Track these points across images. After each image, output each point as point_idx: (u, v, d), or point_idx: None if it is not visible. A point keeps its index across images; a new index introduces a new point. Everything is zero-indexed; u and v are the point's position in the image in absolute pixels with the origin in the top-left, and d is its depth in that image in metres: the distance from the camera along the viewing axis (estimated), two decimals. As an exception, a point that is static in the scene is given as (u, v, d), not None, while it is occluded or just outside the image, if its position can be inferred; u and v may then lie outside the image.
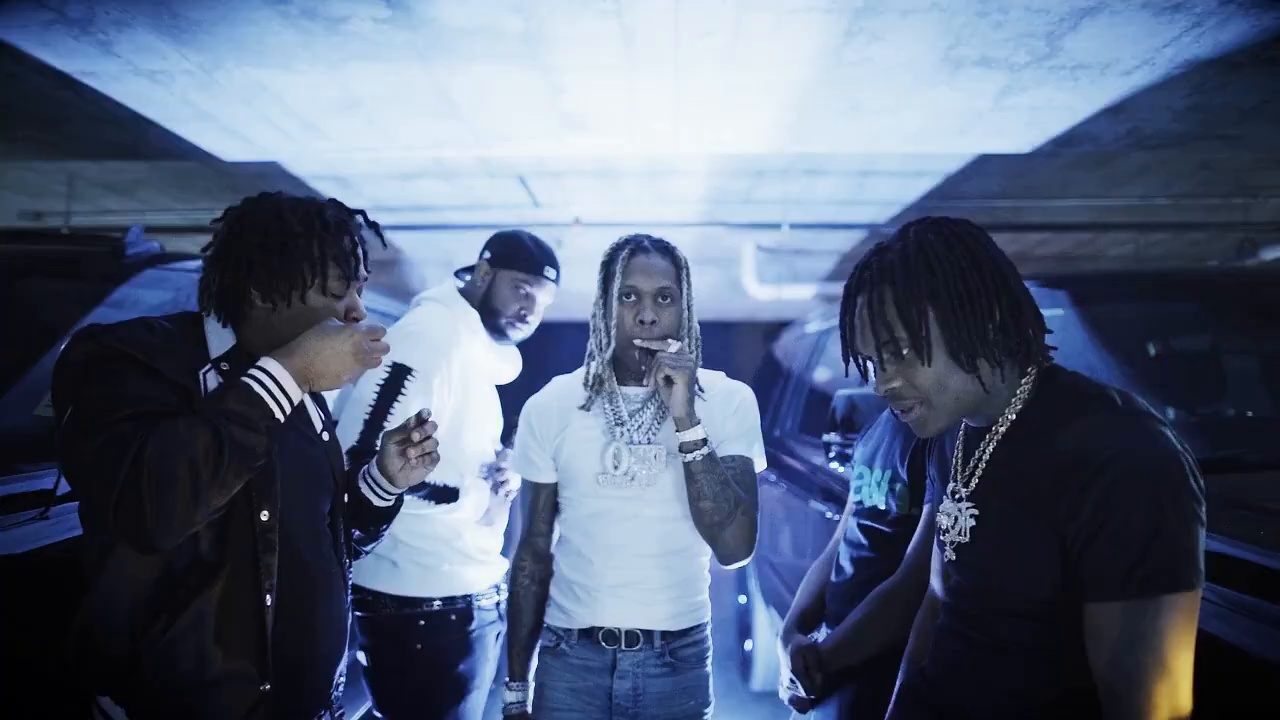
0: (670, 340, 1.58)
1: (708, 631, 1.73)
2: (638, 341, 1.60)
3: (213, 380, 1.35)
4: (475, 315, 2.12)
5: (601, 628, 1.64)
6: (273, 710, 1.33)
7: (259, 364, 1.32)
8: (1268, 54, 2.93)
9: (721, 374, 1.75)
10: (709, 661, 1.73)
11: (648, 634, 1.63)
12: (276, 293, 1.37)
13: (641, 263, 1.62)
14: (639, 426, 1.66)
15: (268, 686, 1.33)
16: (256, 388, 1.28)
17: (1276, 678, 1.13)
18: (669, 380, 1.53)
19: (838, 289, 1.33)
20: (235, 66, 3.14)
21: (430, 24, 2.79)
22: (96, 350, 1.27)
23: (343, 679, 1.52)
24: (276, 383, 1.30)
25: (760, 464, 1.72)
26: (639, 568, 1.63)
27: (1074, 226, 6.05)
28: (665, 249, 1.66)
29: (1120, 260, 7.23)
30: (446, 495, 1.99)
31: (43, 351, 2.22)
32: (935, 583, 1.36)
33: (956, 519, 1.25)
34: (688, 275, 1.66)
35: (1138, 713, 1.01)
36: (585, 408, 1.67)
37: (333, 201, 1.45)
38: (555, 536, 1.78)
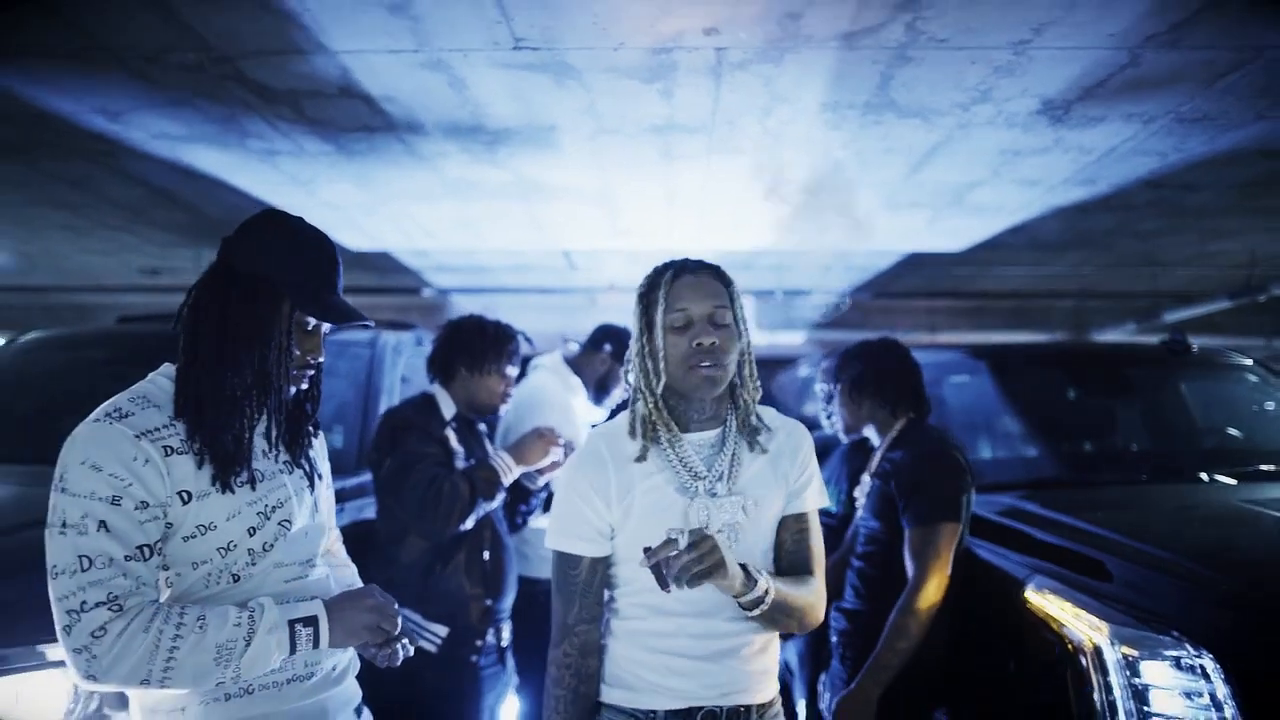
0: (668, 531, 1.23)
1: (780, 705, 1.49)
2: (703, 364, 1.35)
3: (452, 434, 2.32)
4: (579, 381, 3.29)
5: (701, 708, 1.36)
6: (493, 616, 2.21)
7: (500, 454, 2.23)
8: (1107, 204, 4.24)
9: (772, 410, 1.53)
10: None
11: (745, 710, 1.39)
12: (475, 366, 2.29)
13: (689, 282, 1.41)
14: (717, 477, 1.40)
15: (490, 602, 2.18)
16: (497, 465, 2.19)
17: (998, 573, 2.11)
18: (702, 576, 1.23)
19: (823, 336, 2.34)
20: (397, 204, 4.40)
21: (535, 182, 4.05)
22: (399, 422, 2.28)
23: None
24: (507, 465, 2.21)
25: (824, 501, 1.50)
26: (735, 633, 1.39)
27: (1017, 294, 7.05)
28: (710, 267, 1.45)
29: (1064, 311, 8.32)
30: None
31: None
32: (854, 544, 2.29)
33: (866, 489, 2.18)
34: (737, 295, 1.45)
35: (924, 583, 1.87)
36: (642, 458, 1.40)
37: (508, 324, 2.48)
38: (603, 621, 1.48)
